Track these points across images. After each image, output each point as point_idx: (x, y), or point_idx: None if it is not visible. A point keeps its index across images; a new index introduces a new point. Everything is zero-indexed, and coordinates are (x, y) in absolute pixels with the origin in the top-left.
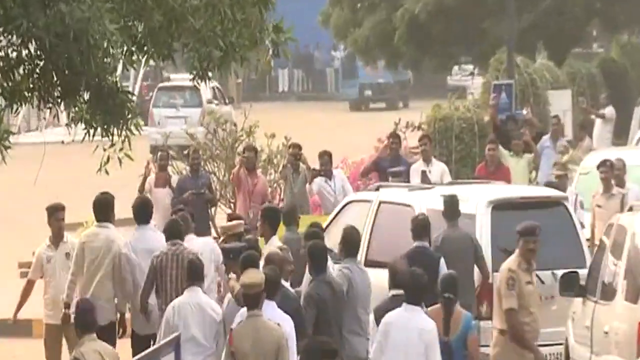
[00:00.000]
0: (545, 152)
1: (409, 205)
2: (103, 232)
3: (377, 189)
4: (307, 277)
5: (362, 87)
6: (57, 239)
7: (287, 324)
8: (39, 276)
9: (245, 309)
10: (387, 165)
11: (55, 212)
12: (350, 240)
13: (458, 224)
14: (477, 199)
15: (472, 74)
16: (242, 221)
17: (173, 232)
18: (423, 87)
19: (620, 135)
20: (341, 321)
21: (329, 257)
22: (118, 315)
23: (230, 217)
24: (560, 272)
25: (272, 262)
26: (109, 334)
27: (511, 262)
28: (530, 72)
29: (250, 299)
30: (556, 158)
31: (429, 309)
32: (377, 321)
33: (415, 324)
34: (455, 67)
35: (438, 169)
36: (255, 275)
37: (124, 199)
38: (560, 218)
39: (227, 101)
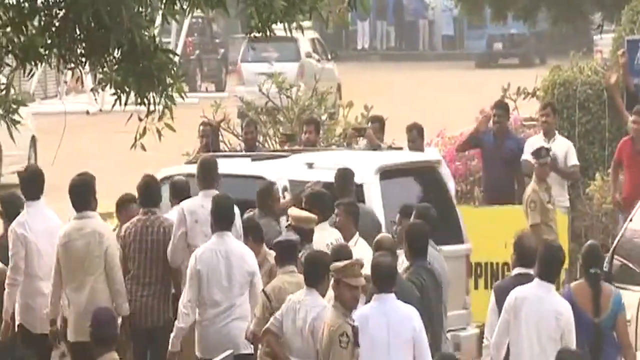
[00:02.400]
0: None
1: (260, 178)
2: (88, 224)
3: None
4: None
5: (490, 40)
6: None
7: (415, 318)
8: None
9: None
10: (491, 141)
11: None
12: (425, 219)
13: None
14: (362, 166)
15: (600, 26)
16: (315, 216)
17: (147, 198)
18: (563, 39)
19: None
20: (442, 317)
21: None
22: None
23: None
24: (444, 249)
25: (382, 248)
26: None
27: None
28: None
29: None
30: None
31: (572, 285)
32: (499, 302)
33: (551, 305)
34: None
35: (562, 145)
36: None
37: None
38: (435, 185)
39: (329, 56)
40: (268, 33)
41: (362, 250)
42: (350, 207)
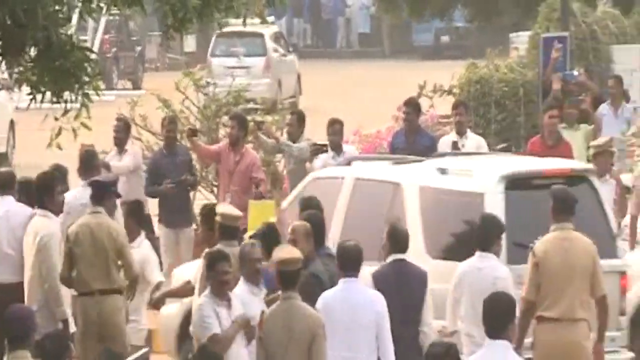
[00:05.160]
0: (605, 121)
1: None
2: (38, 223)
3: None
4: None
5: (438, 33)
6: None
7: (378, 303)
8: None
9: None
10: (402, 140)
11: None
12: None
13: None
14: None
15: (515, 24)
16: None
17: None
18: (494, 35)
19: None
20: None
21: None
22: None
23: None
24: None
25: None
26: None
27: None
28: (589, 23)
29: (287, 278)
30: (619, 129)
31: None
32: (378, 288)
33: (489, 272)
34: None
35: (473, 143)
36: (293, 250)
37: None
38: None
39: (290, 49)
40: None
41: (147, 250)
42: (132, 207)
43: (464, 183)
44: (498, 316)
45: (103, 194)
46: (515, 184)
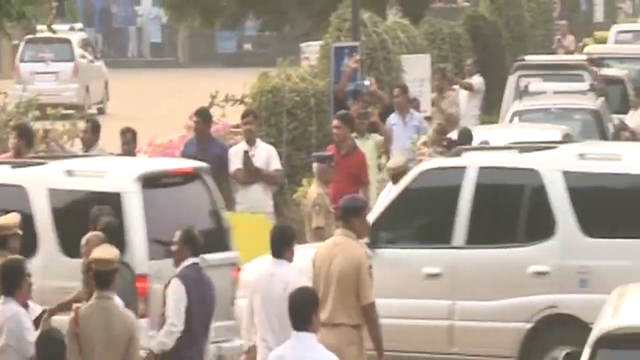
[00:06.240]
0: (395, 130)
1: None
2: None
3: None
4: None
5: (240, 41)
6: None
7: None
8: None
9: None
10: (193, 151)
11: None
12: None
13: None
14: None
15: (307, 33)
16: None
17: None
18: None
19: (491, 111)
20: None
21: None
22: None
23: None
24: None
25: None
26: None
27: None
28: (380, 32)
29: (103, 277)
30: (409, 138)
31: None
32: (188, 290)
33: (280, 277)
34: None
35: (263, 152)
36: (110, 250)
37: None
38: None
39: (98, 56)
40: None
41: None
42: None
43: (97, 184)
44: (302, 309)
45: None
46: (149, 182)
